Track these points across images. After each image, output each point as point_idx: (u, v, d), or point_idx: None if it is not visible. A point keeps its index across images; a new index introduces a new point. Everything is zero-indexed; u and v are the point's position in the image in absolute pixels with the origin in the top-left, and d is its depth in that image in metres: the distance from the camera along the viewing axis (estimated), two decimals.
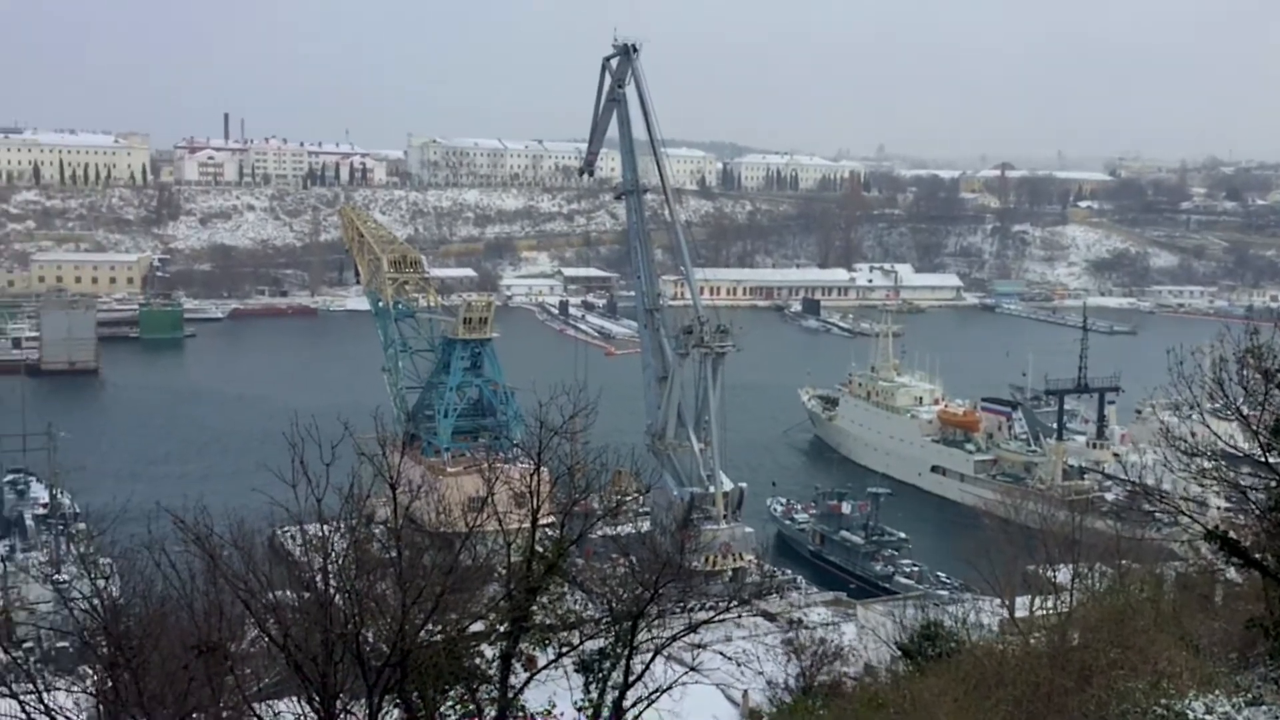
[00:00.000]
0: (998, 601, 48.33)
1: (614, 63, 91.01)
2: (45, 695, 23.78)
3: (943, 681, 26.96)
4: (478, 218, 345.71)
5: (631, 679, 26.15)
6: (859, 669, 48.99)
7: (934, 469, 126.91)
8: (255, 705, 23.32)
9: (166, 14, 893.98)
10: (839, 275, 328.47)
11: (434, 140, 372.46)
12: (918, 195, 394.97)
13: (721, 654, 30.00)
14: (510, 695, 24.97)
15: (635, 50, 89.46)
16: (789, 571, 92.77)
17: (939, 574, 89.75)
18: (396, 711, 24.08)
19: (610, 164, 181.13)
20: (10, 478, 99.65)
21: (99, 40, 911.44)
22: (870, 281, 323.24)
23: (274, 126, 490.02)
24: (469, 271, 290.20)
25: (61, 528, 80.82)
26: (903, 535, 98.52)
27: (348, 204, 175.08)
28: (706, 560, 78.65)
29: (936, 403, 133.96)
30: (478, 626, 25.93)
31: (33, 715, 23.10)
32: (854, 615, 73.00)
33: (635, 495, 37.53)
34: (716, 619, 29.10)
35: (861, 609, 74.10)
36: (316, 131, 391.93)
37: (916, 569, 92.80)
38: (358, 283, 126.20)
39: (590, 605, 31.35)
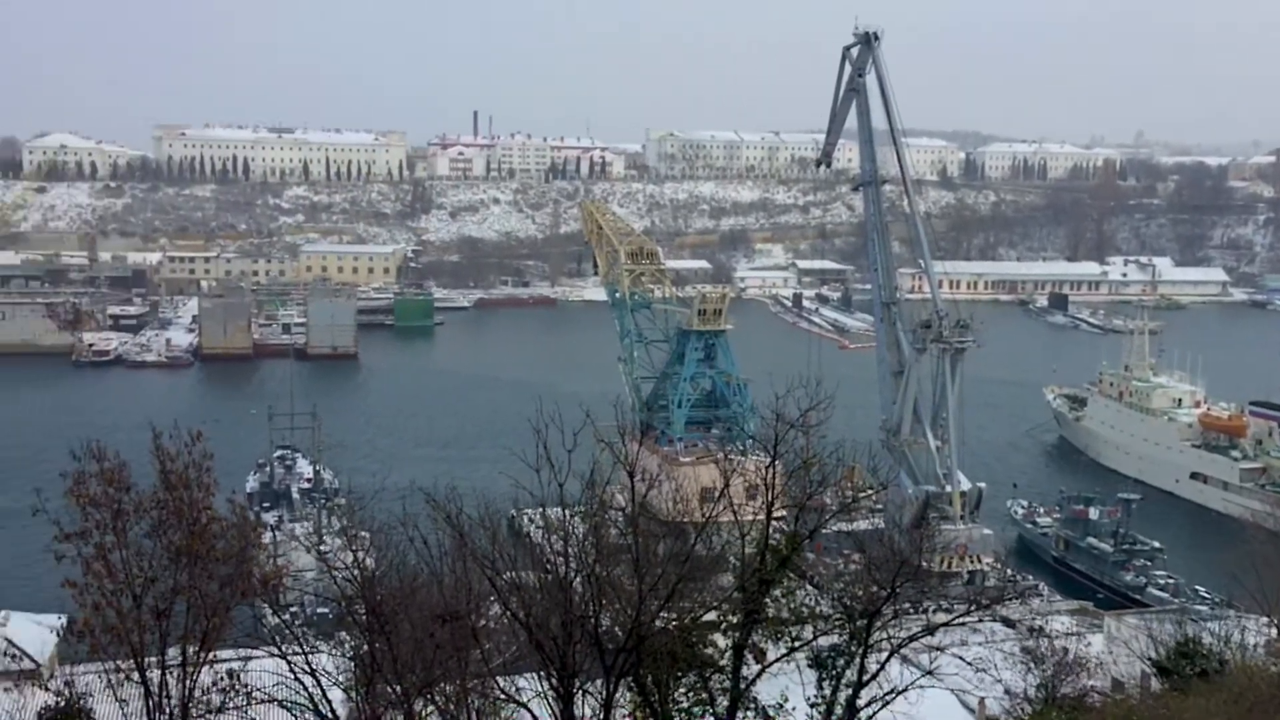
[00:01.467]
0: (1265, 620, 44.71)
1: (854, 51, 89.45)
2: (310, 657, 25.52)
3: (1210, 702, 25.12)
4: (713, 210, 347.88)
5: (866, 678, 25.64)
6: (1106, 683, 46.41)
7: (1194, 476, 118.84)
8: (498, 679, 24.23)
9: (423, 18, 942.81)
10: (1089, 269, 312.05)
11: (671, 133, 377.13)
12: (1180, 184, 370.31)
13: (961, 659, 29.00)
14: (742, 686, 24.95)
15: (876, 38, 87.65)
16: (1030, 577, 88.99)
17: (1197, 588, 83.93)
18: (630, 694, 24.51)
19: (847, 155, 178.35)
20: (280, 453, 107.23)
21: (364, 46, 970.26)
22: (1124, 276, 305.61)
23: (519, 123, 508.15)
24: (704, 263, 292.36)
25: (324, 501, 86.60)
26: (1156, 544, 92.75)
27: (587, 197, 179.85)
28: (942, 561, 76.39)
29: (1197, 405, 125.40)
30: (710, 616, 26.04)
31: (298, 675, 24.78)
32: (1101, 627, 69.19)
33: (871, 492, 36.79)
34: (955, 622, 28.15)
35: (1110, 620, 70.13)
36: (559, 127, 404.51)
37: (1172, 581, 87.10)
38: (596, 274, 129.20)
39: (821, 601, 30.92)
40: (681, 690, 24.57)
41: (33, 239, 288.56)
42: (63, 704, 23.33)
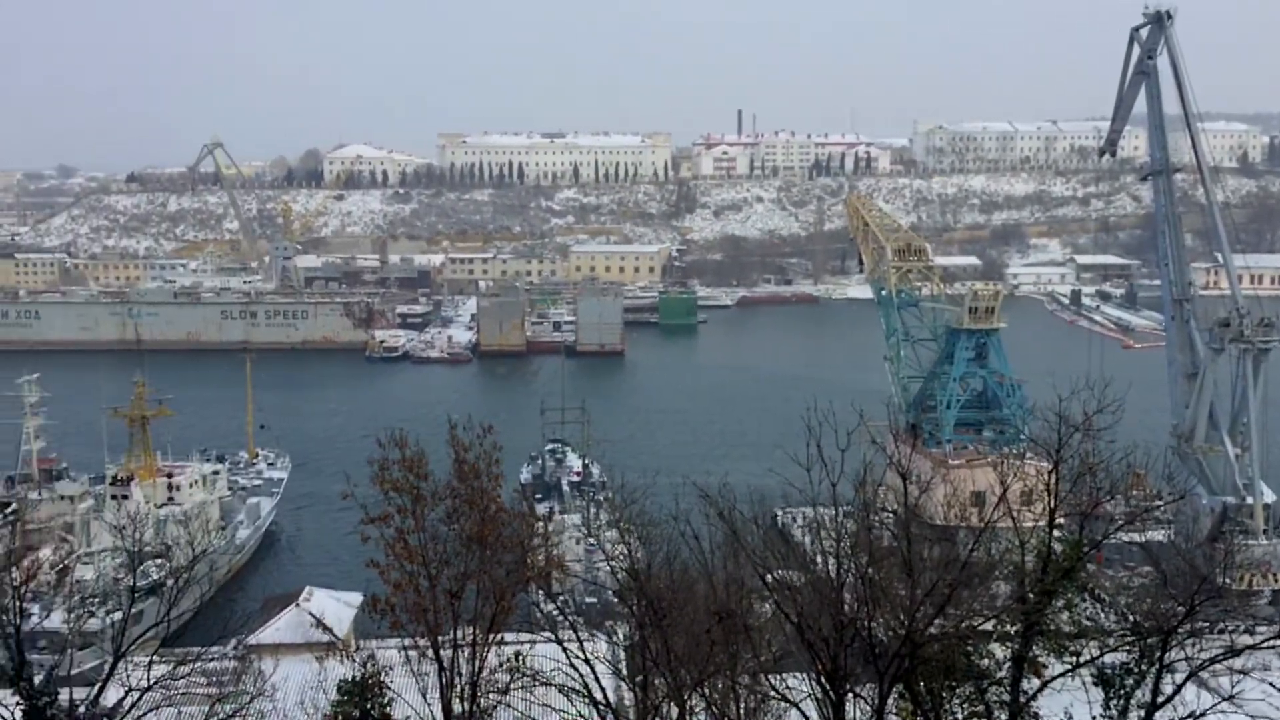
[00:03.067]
0: None
1: (1143, 32, 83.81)
2: (584, 645, 26.43)
3: None
4: (983, 204, 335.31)
5: (1160, 700, 24.06)
6: None
7: None
8: (768, 677, 24.32)
9: (684, 22, 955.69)
10: None
11: (940, 126, 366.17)
12: None
13: (1272, 685, 26.64)
14: (1022, 700, 23.98)
15: (1169, 17, 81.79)
16: None
17: None
18: (902, 702, 24.02)
19: (1133, 142, 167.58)
20: (551, 446, 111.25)
21: (631, 50, 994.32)
22: None
23: (783, 120, 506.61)
24: (973, 259, 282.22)
25: (593, 494, 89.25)
26: None
27: (852, 193, 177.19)
28: (1241, 578, 70.60)
29: None
30: (987, 626, 25.15)
31: (574, 661, 25.71)
32: None
33: (1167, 501, 34.44)
34: (1263, 645, 25.94)
35: None
36: (823, 123, 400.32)
37: None
38: (861, 271, 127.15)
39: (1105, 615, 29.24)
40: (957, 701, 23.87)
41: (332, 243, 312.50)
42: (362, 676, 25.19)
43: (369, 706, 24.94)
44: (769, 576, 24.36)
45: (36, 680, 23.24)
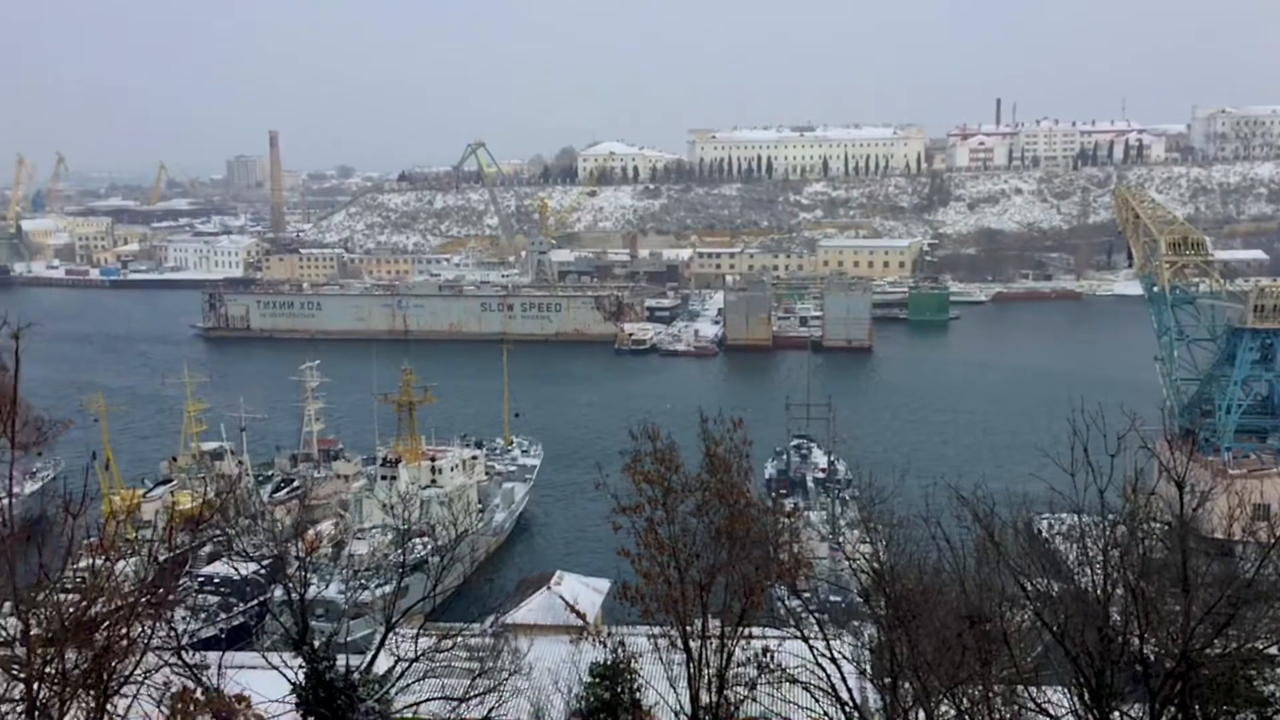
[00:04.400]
0: None
1: None
2: (830, 643, 26.12)
3: None
4: (1271, 193, 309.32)
5: None
6: None
7: None
8: (1025, 688, 23.29)
9: (936, 10, 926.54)
10: None
11: (1222, 110, 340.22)
12: None
13: None
14: None
15: None
16: None
17: None
18: None
19: None
20: (796, 442, 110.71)
21: (878, 42, 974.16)
22: None
23: (1044, 108, 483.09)
24: (1258, 254, 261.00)
25: (838, 491, 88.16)
26: None
27: (1121, 183, 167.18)
28: None
29: None
30: (1272, 649, 23.19)
31: (819, 659, 25.45)
32: None
33: None
34: None
35: None
36: (1089, 110, 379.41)
37: None
38: (1129, 266, 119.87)
39: None
40: None
41: (584, 238, 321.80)
42: (613, 660, 25.80)
43: (619, 690, 25.53)
44: (1027, 584, 23.33)
45: (317, 645, 25.08)
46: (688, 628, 23.20)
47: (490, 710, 26.22)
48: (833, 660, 25.52)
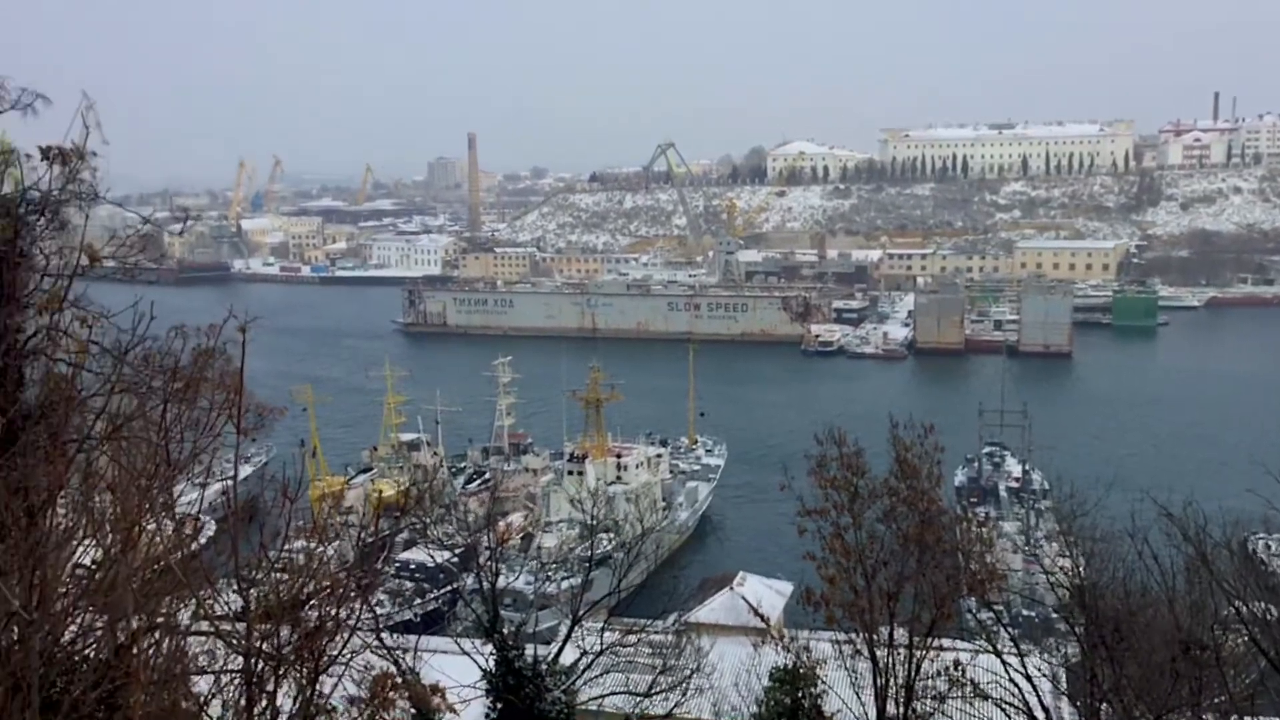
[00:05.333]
0: None
1: None
2: (1024, 660, 25.19)
3: None
4: None
5: None
6: None
7: None
8: (1240, 718, 21.88)
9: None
10: None
11: None
12: None
13: None
14: None
15: None
16: None
17: None
18: None
19: None
20: (988, 450, 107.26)
21: (1083, 34, 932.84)
22: None
23: (1269, 103, 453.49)
24: None
25: (1033, 503, 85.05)
26: None
27: None
28: None
29: None
30: None
31: (1013, 676, 24.57)
32: None
33: None
34: None
35: None
36: None
37: None
38: None
39: None
40: None
41: (771, 238, 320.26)
42: (795, 665, 25.57)
43: (800, 696, 25.29)
44: (1242, 608, 21.90)
45: (507, 634, 25.80)
46: (874, 636, 22.78)
47: (673, 708, 26.40)
48: (1027, 677, 24.61)
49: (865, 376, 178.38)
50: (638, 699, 26.21)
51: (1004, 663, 24.58)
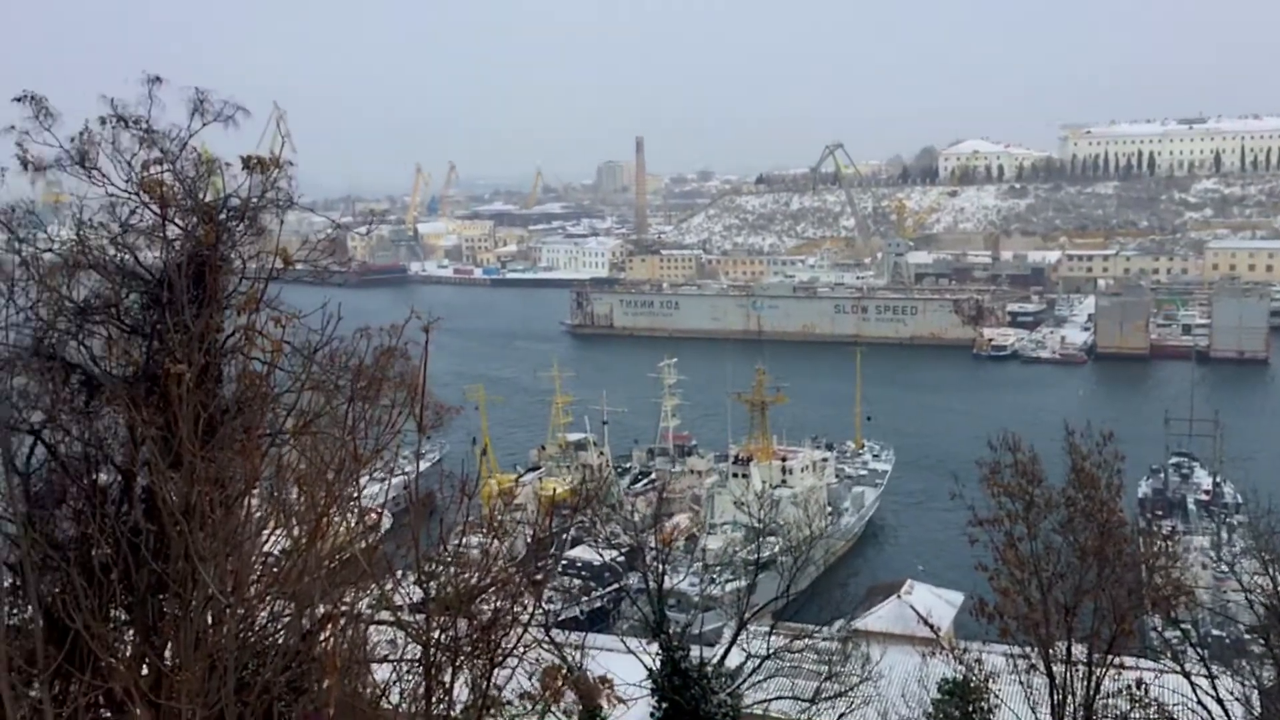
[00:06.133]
0: None
1: None
2: (1215, 682, 23.89)
3: None
4: None
5: None
6: None
7: None
8: None
9: None
10: None
11: None
12: None
13: None
14: None
15: None
16: None
17: None
18: None
19: None
20: (1175, 460, 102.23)
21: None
22: None
23: None
24: None
25: (1224, 517, 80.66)
26: None
27: None
28: None
29: None
30: None
31: (1202, 698, 23.35)
32: None
33: None
34: None
35: None
36: None
37: None
38: None
39: None
40: None
41: (943, 239, 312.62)
42: (965, 678, 24.89)
43: (970, 709, 24.62)
44: None
45: (672, 634, 25.96)
46: (1050, 651, 21.96)
47: (839, 715, 26.08)
48: (1219, 701, 23.34)
49: (1041, 382, 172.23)
50: (803, 704, 25.98)
51: (1192, 684, 23.38)
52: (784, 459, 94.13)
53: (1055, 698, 21.91)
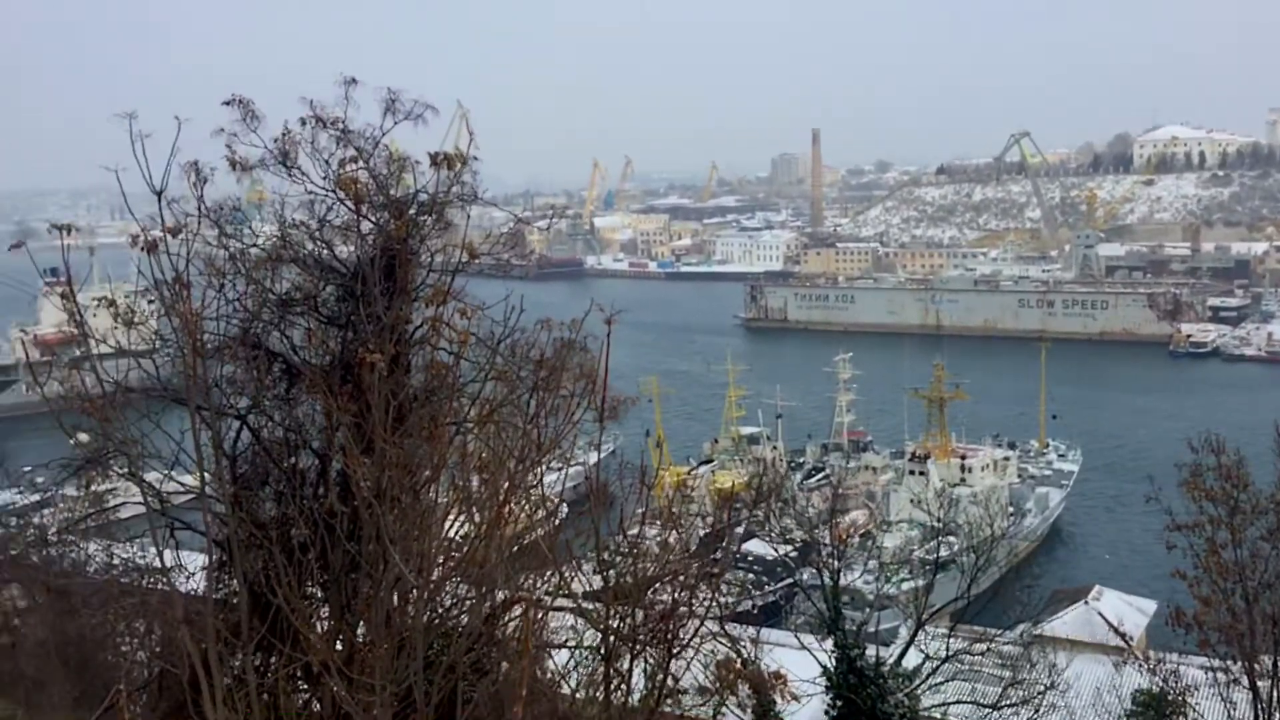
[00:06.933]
0: None
1: None
2: None
3: None
4: None
5: None
6: None
7: None
8: None
9: None
10: None
11: None
12: None
13: None
14: None
15: None
16: None
17: None
18: None
19: None
20: None
21: None
22: None
23: None
24: None
25: None
26: None
27: None
28: None
29: None
30: None
31: None
32: None
33: None
34: None
35: None
36: None
37: None
38: None
39: None
40: None
41: (1137, 231, 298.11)
42: (1161, 690, 23.67)
43: None
44: None
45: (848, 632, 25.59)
46: (1254, 665, 20.66)
47: None
48: None
49: (1245, 381, 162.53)
50: (985, 710, 25.21)
51: None
52: (963, 457, 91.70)
53: (1259, 715, 20.62)
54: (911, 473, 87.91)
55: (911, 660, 26.13)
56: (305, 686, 13.71)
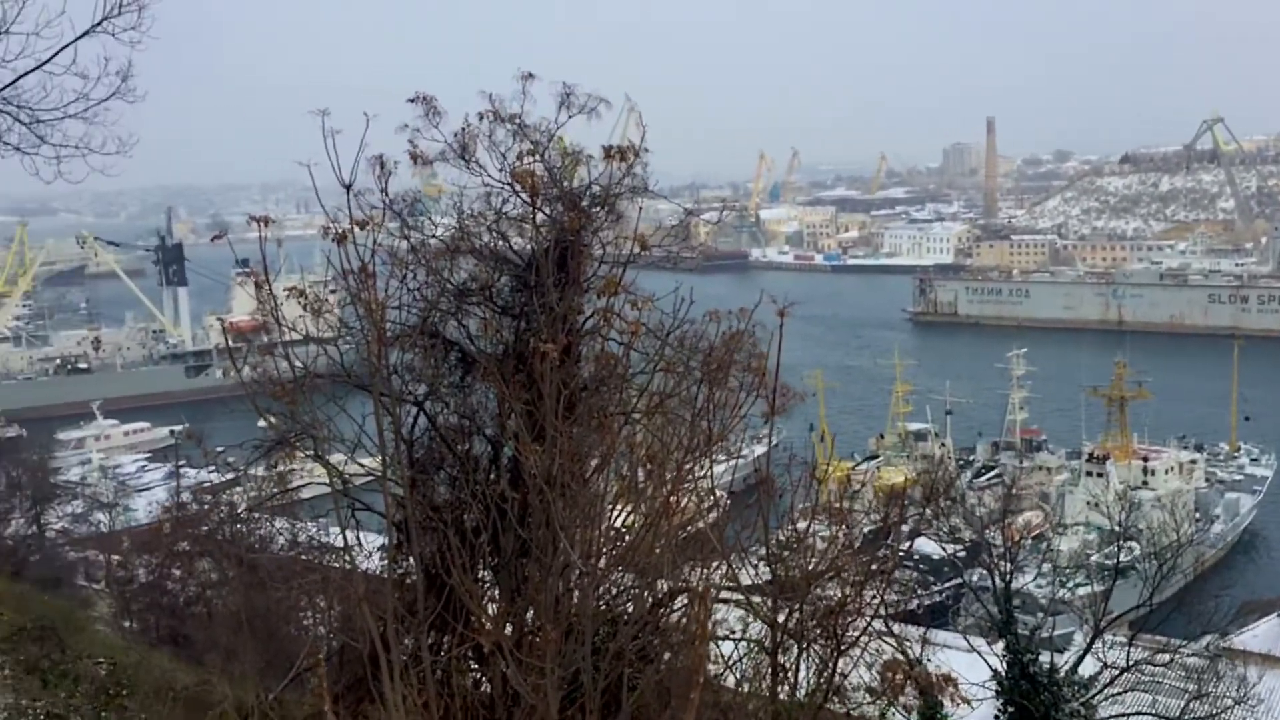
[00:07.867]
0: None
1: None
2: None
3: None
4: None
5: None
6: None
7: None
8: None
9: None
10: None
11: None
12: None
13: None
14: None
15: None
16: None
17: None
18: None
19: None
20: None
21: None
22: None
23: None
24: None
25: None
26: None
27: None
28: None
29: None
30: None
31: None
32: None
33: None
34: None
35: None
36: None
37: None
38: None
39: None
40: None
41: None
42: None
43: None
44: None
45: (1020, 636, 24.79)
46: None
47: None
48: None
49: None
50: None
51: None
52: (1145, 459, 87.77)
53: None
54: (1089, 474, 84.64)
55: (1088, 668, 25.14)
56: (476, 666, 14.09)
